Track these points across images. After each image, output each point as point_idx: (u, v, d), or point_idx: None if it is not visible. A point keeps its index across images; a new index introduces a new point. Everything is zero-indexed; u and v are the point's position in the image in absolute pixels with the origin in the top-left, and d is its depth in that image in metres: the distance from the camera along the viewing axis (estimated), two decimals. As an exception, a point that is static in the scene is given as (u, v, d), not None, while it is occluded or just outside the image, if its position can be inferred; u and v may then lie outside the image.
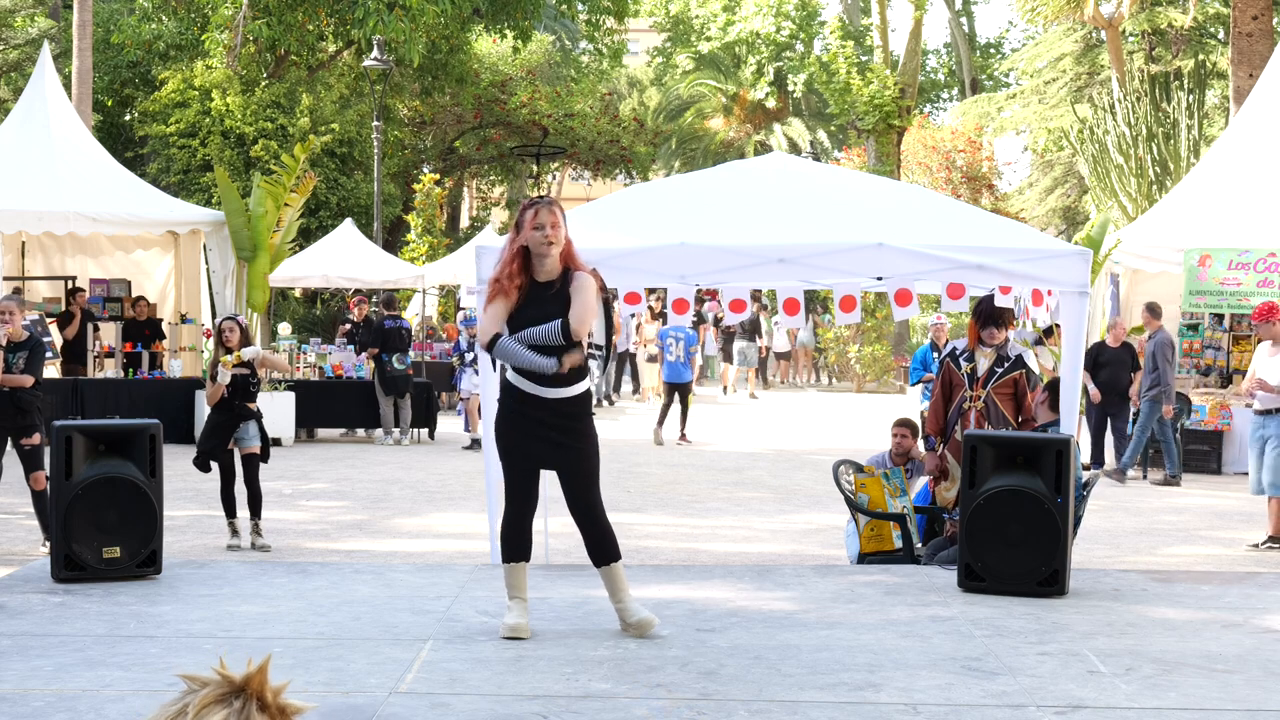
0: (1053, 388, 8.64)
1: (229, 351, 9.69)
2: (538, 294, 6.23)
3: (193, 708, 2.04)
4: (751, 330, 25.80)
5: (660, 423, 17.61)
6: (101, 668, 5.69)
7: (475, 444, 16.39)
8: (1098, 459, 14.78)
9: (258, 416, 9.79)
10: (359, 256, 22.53)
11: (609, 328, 6.64)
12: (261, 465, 9.81)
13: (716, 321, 26.26)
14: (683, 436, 17.73)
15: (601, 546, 6.30)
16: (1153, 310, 14.76)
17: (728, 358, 27.20)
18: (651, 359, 23.05)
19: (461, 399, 17.30)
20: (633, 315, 21.53)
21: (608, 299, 6.52)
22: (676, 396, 17.64)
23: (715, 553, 9.99)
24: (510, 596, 6.34)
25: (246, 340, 9.87)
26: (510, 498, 6.33)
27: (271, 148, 26.37)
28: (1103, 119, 23.41)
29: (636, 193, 10.99)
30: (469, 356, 16.94)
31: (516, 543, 6.32)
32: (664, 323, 20.66)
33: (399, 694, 5.38)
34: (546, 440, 6.19)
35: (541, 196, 6.37)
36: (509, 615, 6.31)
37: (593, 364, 6.45)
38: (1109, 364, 14.80)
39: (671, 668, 5.81)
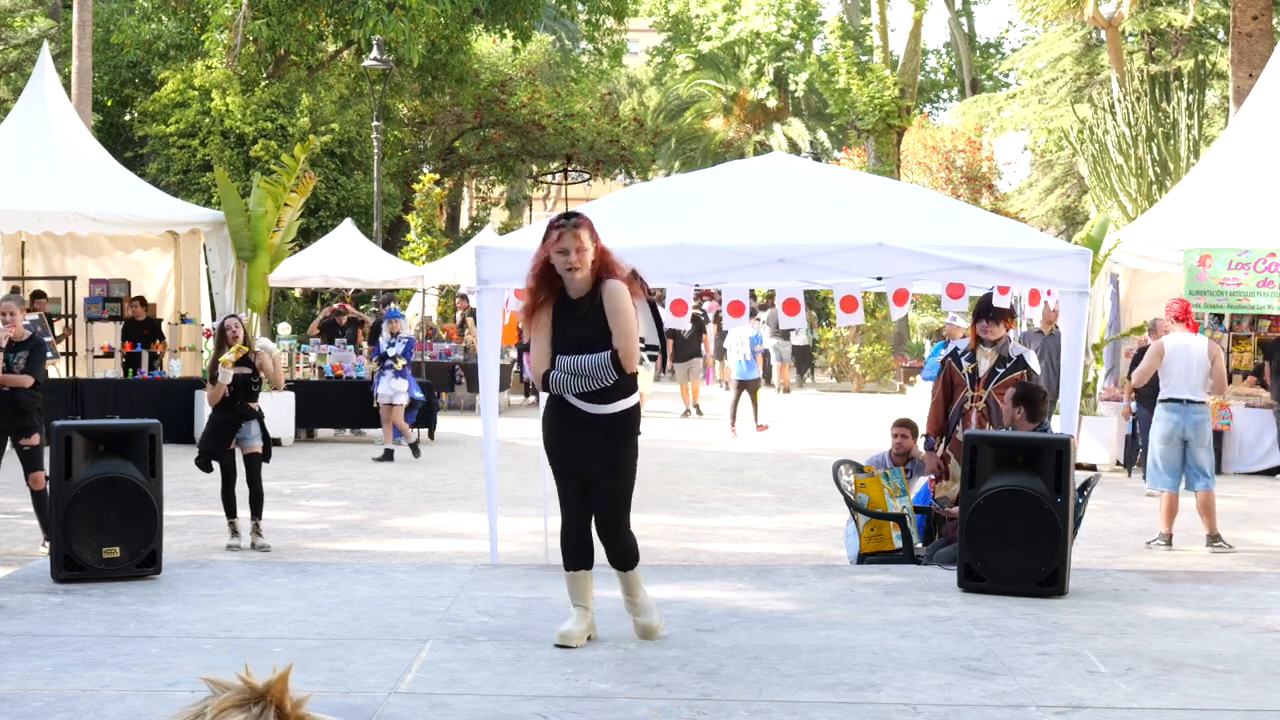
0: (1026, 399, 8.25)
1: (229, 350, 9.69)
2: (570, 312, 6.00)
3: (211, 710, 2.05)
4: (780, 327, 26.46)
5: (732, 417, 19.07)
6: (101, 668, 5.69)
7: (388, 455, 15.22)
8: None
9: (259, 416, 9.79)
10: (359, 256, 22.52)
11: (659, 325, 6.32)
12: (263, 465, 9.82)
13: (716, 319, 26.58)
14: (760, 426, 19.02)
15: (620, 559, 6.20)
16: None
17: (722, 355, 27.95)
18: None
19: (380, 405, 15.65)
20: None
21: (651, 299, 6.24)
22: (746, 392, 19.19)
23: (715, 553, 9.99)
24: (573, 604, 6.25)
25: (246, 339, 9.88)
26: (563, 507, 6.19)
27: (271, 148, 26.36)
28: (1103, 119, 23.39)
29: (636, 193, 10.99)
30: (391, 353, 15.63)
31: (575, 552, 6.17)
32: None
33: (399, 694, 5.38)
34: (587, 450, 6.03)
35: (568, 215, 6.05)
36: (566, 622, 6.22)
37: (647, 365, 6.25)
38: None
39: (671, 668, 5.81)
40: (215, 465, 9.75)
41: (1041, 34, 39.77)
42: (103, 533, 7.36)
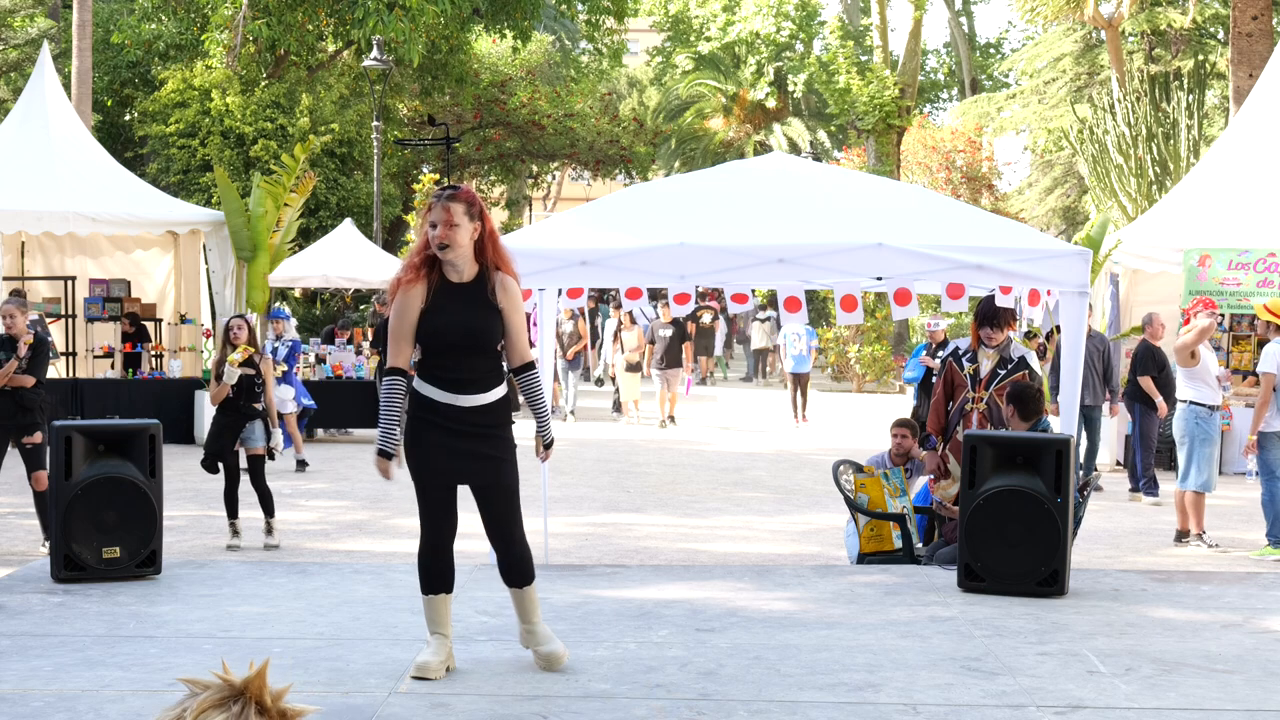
0: (1018, 399, 8.21)
1: (236, 350, 9.71)
2: (450, 296, 5.43)
3: (190, 712, 2.05)
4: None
5: (794, 409, 20.59)
6: (101, 668, 5.69)
7: (299, 465, 14.39)
8: (1151, 488, 13.22)
9: (263, 416, 9.80)
10: (359, 256, 22.49)
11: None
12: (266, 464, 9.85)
13: (695, 318, 27.01)
14: (803, 418, 20.31)
15: (518, 570, 5.65)
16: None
17: (703, 352, 29.24)
18: (634, 368, 20.84)
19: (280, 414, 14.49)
20: (619, 325, 21.33)
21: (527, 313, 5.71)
22: (798, 384, 20.59)
23: (715, 553, 9.99)
24: (431, 632, 5.72)
25: (252, 339, 9.88)
26: (425, 522, 5.62)
27: (271, 148, 26.36)
28: (1102, 119, 23.40)
29: (636, 193, 10.99)
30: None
31: (437, 572, 5.67)
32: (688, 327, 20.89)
33: (399, 694, 5.38)
34: (460, 452, 5.48)
35: (446, 187, 5.49)
36: (424, 651, 5.72)
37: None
38: (1165, 366, 13.37)
39: (671, 668, 5.81)
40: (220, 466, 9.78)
41: (1041, 34, 39.78)
42: (103, 533, 7.36)
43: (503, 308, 5.46)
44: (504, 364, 5.63)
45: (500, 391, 5.57)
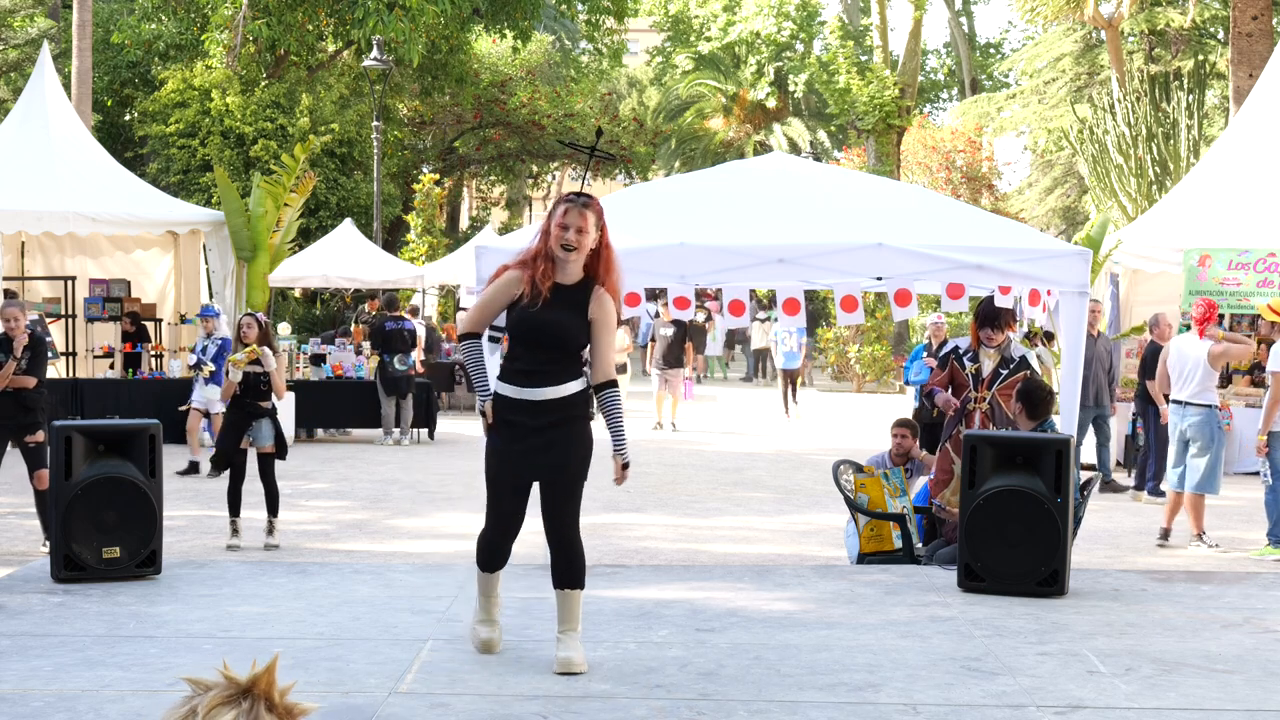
0: (1026, 396, 8.25)
1: (247, 348, 9.76)
2: (555, 296, 5.60)
3: (202, 709, 2.05)
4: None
5: (784, 403, 21.94)
6: (101, 668, 5.69)
7: (193, 467, 13.71)
8: (1159, 490, 12.97)
9: (272, 414, 9.82)
10: (359, 256, 22.51)
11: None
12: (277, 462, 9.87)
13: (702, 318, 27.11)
14: (795, 402, 21.85)
15: (569, 569, 5.71)
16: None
17: (696, 349, 28.93)
18: (620, 369, 20.03)
19: (191, 410, 13.98)
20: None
21: (623, 323, 6.03)
22: (789, 379, 21.97)
23: (715, 553, 9.99)
24: (480, 608, 5.97)
25: (265, 337, 9.88)
26: (490, 514, 5.78)
27: (271, 148, 26.37)
28: (1102, 119, 23.40)
29: (636, 193, 10.99)
30: (191, 361, 14.17)
31: (496, 558, 5.85)
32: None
33: (399, 694, 5.38)
34: (533, 448, 5.59)
35: (579, 194, 5.69)
36: (480, 630, 5.98)
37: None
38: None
39: (671, 668, 5.81)
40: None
41: (1041, 34, 39.79)
42: (103, 533, 7.36)
43: (593, 318, 5.63)
44: (584, 364, 5.74)
45: (575, 386, 5.66)
